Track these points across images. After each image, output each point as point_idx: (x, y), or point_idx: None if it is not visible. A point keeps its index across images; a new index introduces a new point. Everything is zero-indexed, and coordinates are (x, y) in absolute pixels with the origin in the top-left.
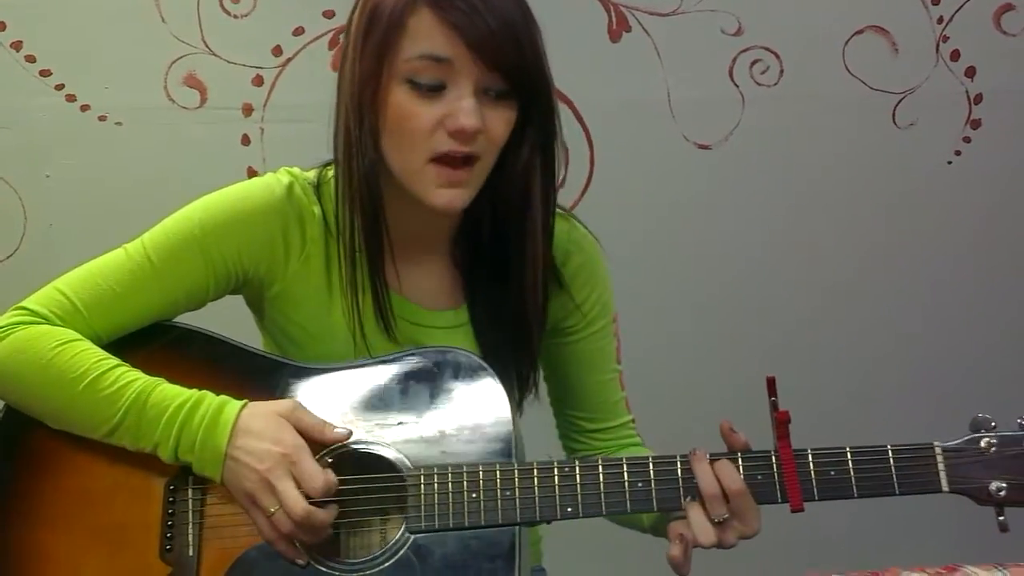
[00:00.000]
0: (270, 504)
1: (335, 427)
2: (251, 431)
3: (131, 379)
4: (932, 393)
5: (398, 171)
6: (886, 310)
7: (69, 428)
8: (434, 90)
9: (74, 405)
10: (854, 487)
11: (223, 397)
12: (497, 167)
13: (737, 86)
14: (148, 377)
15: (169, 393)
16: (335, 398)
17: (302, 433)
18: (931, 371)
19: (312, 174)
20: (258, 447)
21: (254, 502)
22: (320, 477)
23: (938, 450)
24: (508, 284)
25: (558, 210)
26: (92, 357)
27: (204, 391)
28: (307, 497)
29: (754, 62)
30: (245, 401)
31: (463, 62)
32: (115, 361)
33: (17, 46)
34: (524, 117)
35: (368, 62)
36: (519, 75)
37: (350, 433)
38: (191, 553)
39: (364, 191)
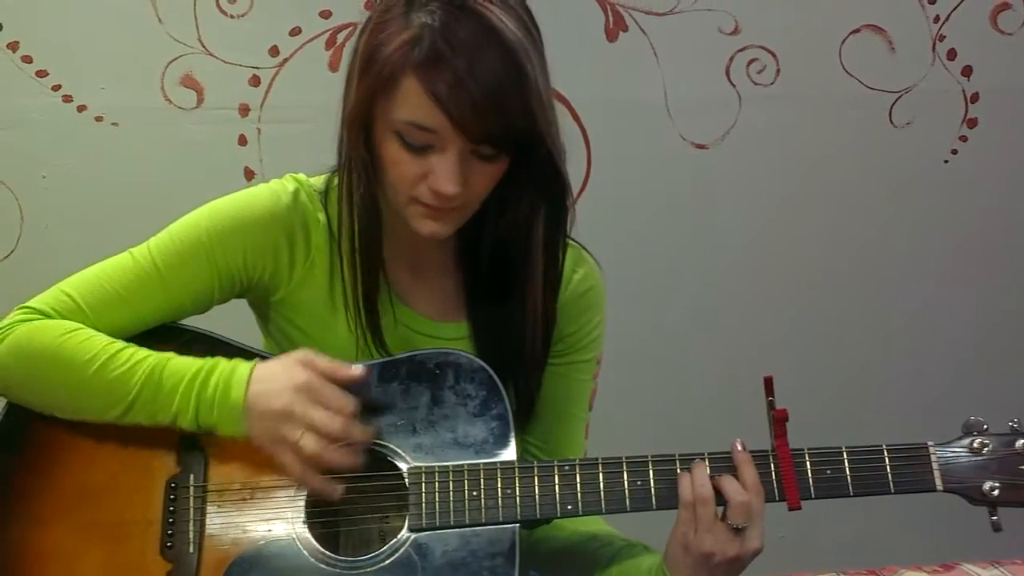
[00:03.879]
0: (293, 432)
1: (350, 366)
2: (264, 378)
3: (142, 356)
4: (926, 391)
5: (390, 199)
6: (882, 308)
7: (82, 413)
8: (423, 150)
9: (86, 388)
10: (850, 486)
11: (236, 360)
12: (500, 208)
13: (734, 85)
14: (158, 353)
15: (183, 364)
16: None
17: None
18: (925, 370)
19: (318, 181)
20: (273, 387)
21: (278, 438)
22: (343, 397)
23: (932, 450)
24: (508, 309)
25: (568, 239)
26: (100, 342)
27: (217, 358)
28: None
29: (751, 61)
30: (256, 360)
31: (447, 132)
32: (123, 343)
33: (14, 47)
34: (525, 165)
35: (362, 105)
36: (506, 141)
37: (367, 371)
38: (191, 550)
39: (363, 219)
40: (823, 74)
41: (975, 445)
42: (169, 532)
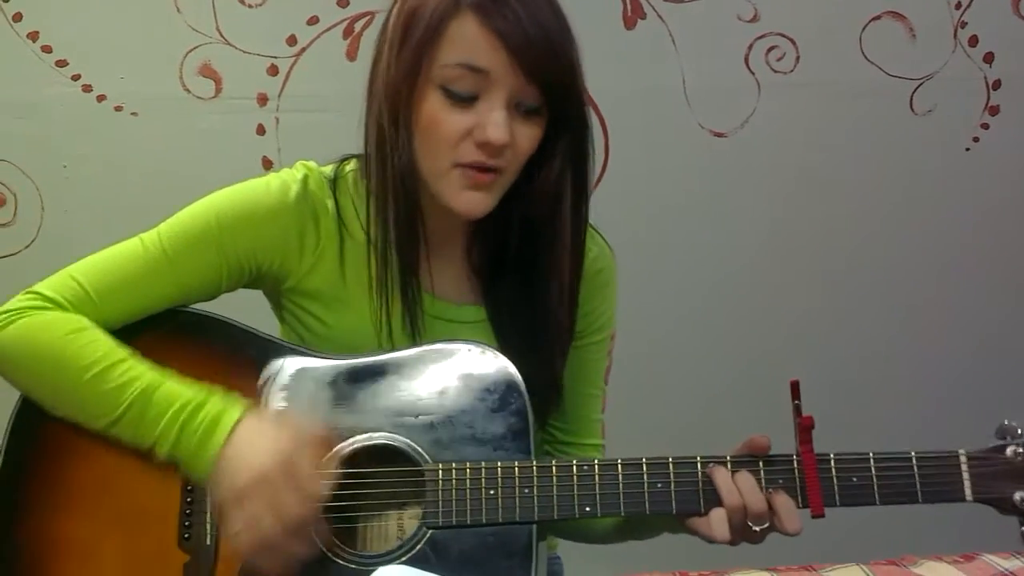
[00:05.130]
0: (254, 507)
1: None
2: (245, 437)
3: (138, 373)
4: (947, 382)
5: (425, 172)
6: (903, 297)
7: (70, 416)
8: (467, 100)
9: (79, 394)
10: (876, 494)
11: (225, 402)
12: (527, 179)
13: (753, 73)
14: (155, 372)
15: (174, 392)
16: (354, 390)
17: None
18: (946, 360)
19: (329, 169)
20: (251, 452)
21: (238, 508)
22: (317, 482)
23: (963, 458)
24: (531, 289)
25: None
26: (102, 347)
27: (211, 392)
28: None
29: (770, 49)
30: (246, 409)
31: (500, 72)
32: (124, 353)
33: (33, 36)
34: (556, 131)
35: (405, 63)
36: (554, 88)
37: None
38: (208, 542)
39: (400, 190)
40: (843, 61)
41: (1008, 452)
42: (187, 524)
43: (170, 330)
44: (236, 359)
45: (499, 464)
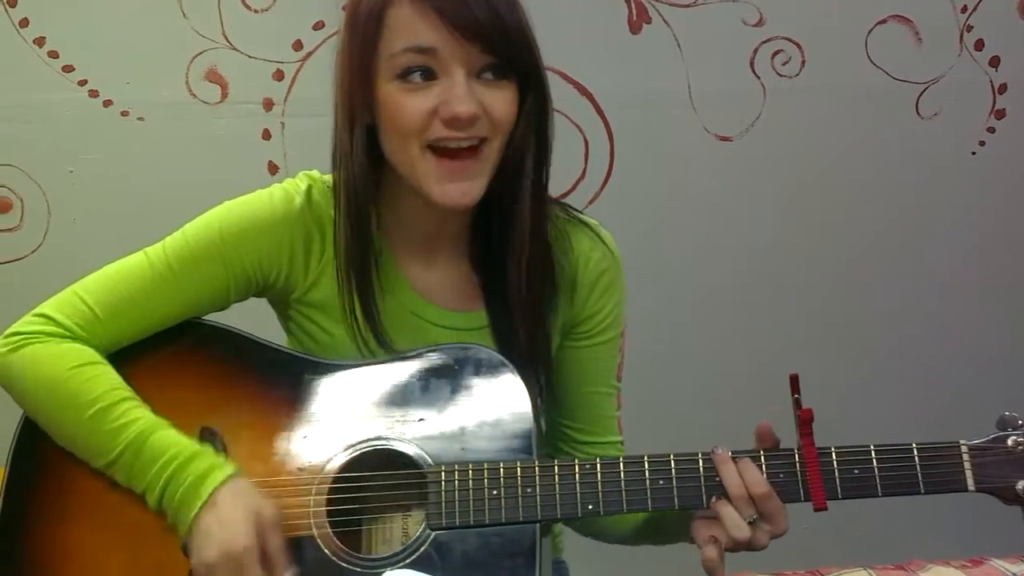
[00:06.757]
0: None
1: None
2: (218, 512)
3: (134, 417)
4: (953, 386)
5: (401, 169)
6: (910, 302)
7: (69, 449)
8: (423, 82)
9: (78, 431)
10: (878, 486)
11: (213, 462)
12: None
13: (758, 77)
14: (152, 418)
15: (166, 441)
16: (357, 394)
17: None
18: (952, 364)
19: (331, 178)
20: (216, 534)
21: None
22: (279, 568)
23: (964, 449)
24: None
25: (583, 216)
26: (103, 385)
27: (203, 447)
28: None
29: (775, 53)
30: (231, 472)
31: (449, 47)
32: (124, 393)
33: (40, 42)
34: (520, 95)
35: (355, 65)
36: (507, 50)
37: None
38: None
39: (352, 199)
40: (849, 65)
41: (1009, 443)
42: None
43: (180, 345)
44: (243, 369)
45: (501, 464)
